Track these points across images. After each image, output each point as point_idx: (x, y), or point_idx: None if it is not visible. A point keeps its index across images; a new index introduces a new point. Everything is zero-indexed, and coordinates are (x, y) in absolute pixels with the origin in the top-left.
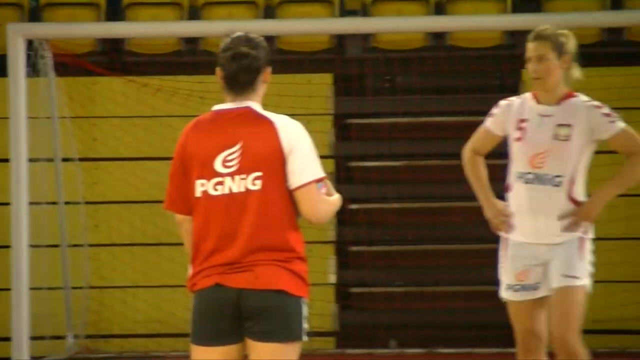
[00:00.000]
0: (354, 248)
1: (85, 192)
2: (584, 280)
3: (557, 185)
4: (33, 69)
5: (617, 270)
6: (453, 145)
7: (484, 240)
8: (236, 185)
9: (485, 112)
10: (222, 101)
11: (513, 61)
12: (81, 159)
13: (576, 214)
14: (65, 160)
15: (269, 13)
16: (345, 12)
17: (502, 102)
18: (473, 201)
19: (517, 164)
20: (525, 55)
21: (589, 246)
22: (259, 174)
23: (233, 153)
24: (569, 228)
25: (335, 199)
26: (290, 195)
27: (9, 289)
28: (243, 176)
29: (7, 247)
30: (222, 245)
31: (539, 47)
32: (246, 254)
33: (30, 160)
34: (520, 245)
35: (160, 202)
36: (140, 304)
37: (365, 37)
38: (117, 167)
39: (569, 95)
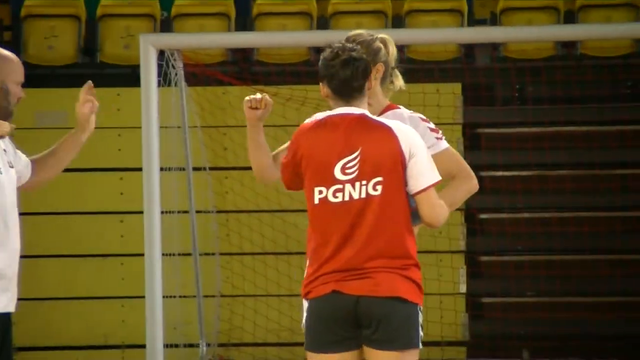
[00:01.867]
0: (485, 258)
1: (216, 201)
2: None
3: None
4: (164, 79)
5: None
6: (584, 154)
7: (614, 251)
8: (356, 191)
9: (615, 122)
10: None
11: None
12: (212, 168)
13: None
14: (196, 169)
15: (398, 22)
16: (474, 21)
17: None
18: (604, 211)
19: None
20: None
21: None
22: (379, 179)
23: (353, 160)
24: None
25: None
26: (407, 201)
27: (142, 297)
28: (364, 182)
29: (141, 255)
30: (340, 251)
31: None
32: (364, 261)
33: (162, 169)
34: None
35: (291, 211)
36: (271, 313)
37: (495, 47)
38: (248, 176)
39: (390, 107)
